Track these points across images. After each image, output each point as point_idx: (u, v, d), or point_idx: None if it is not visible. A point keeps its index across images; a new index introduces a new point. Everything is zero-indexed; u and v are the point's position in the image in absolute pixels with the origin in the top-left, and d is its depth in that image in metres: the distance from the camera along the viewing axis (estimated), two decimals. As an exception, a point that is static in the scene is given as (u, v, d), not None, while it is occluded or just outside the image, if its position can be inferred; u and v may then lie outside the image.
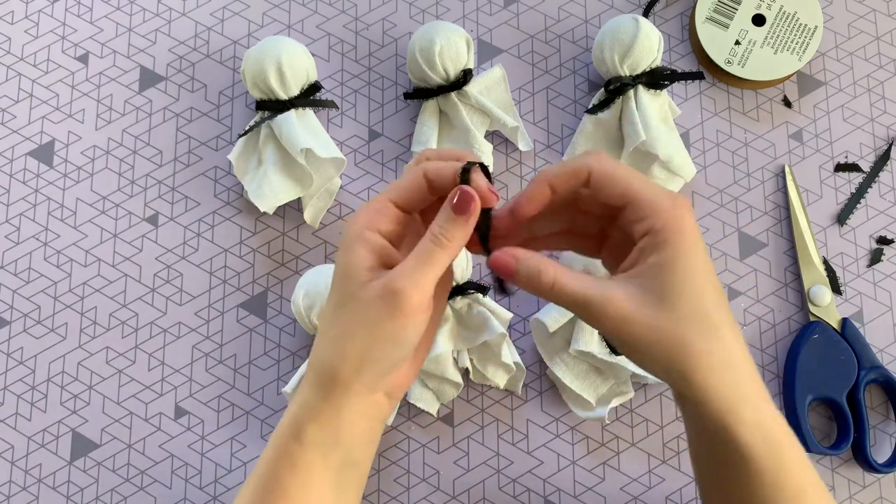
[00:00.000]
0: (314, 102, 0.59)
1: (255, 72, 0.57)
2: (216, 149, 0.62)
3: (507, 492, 0.57)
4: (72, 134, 0.63)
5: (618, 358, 0.55)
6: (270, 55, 0.57)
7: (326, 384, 0.41)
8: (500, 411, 0.58)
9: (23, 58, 0.64)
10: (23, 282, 0.60)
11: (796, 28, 0.62)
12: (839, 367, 0.57)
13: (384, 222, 0.41)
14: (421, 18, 0.64)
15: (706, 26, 0.62)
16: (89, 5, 0.65)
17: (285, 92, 0.58)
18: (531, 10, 0.64)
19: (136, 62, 0.64)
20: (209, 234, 0.61)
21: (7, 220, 0.61)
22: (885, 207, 0.61)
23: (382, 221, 0.41)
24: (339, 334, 0.41)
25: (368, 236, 0.41)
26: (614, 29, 0.58)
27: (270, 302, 0.60)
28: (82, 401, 0.59)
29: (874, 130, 0.62)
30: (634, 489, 0.57)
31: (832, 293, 0.59)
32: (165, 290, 0.60)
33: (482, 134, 0.59)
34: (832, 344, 0.57)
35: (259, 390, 0.59)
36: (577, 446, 0.58)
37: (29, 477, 0.58)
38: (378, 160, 0.62)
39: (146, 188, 0.62)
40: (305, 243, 0.61)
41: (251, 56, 0.58)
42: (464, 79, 0.59)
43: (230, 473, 0.58)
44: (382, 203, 0.41)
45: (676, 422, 0.58)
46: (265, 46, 0.58)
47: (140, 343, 0.59)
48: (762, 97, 0.63)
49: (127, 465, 0.58)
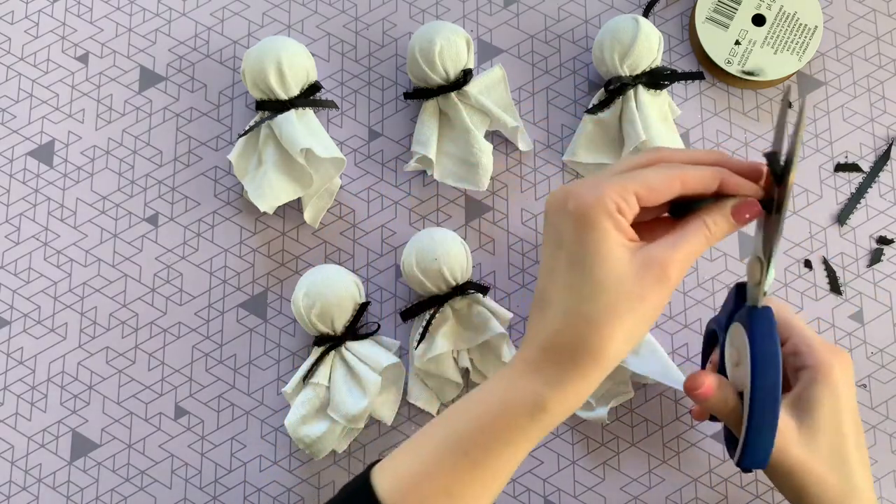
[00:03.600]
0: (314, 102, 0.59)
1: (255, 72, 0.57)
2: (216, 149, 0.62)
3: (507, 492, 0.57)
4: (72, 134, 0.63)
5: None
6: (270, 55, 0.57)
7: (586, 363, 0.40)
8: (500, 411, 0.58)
9: (23, 58, 0.64)
10: (23, 282, 0.60)
11: (796, 28, 0.62)
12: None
13: (626, 210, 0.41)
14: (421, 18, 0.64)
15: (706, 26, 0.62)
16: (89, 5, 0.65)
17: (285, 92, 0.58)
18: (531, 10, 0.64)
19: (136, 62, 0.64)
20: (209, 234, 0.61)
21: (7, 220, 0.61)
22: (885, 207, 0.61)
23: (625, 208, 0.41)
24: (601, 314, 0.39)
25: (618, 218, 0.40)
26: (614, 29, 0.58)
27: (270, 302, 0.60)
28: (82, 401, 0.59)
29: (874, 130, 0.62)
30: (634, 489, 0.57)
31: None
32: (165, 290, 0.60)
33: (482, 134, 0.59)
34: None
35: (259, 390, 0.59)
36: (577, 446, 0.58)
37: (29, 477, 0.58)
38: (378, 160, 0.62)
39: (146, 188, 0.62)
40: (305, 243, 0.61)
41: (251, 56, 0.58)
42: (464, 79, 0.59)
43: (230, 473, 0.58)
44: (628, 191, 0.41)
45: (676, 422, 0.58)
46: (265, 46, 0.58)
47: (140, 343, 0.59)
48: (762, 97, 0.63)
49: (127, 465, 0.58)
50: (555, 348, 0.40)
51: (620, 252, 0.40)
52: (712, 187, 0.42)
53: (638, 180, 0.41)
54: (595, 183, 0.41)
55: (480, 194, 0.61)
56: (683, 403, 0.58)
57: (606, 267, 0.40)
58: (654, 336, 0.59)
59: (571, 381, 0.40)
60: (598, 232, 0.40)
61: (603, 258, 0.40)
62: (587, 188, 0.41)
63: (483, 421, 0.41)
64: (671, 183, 0.41)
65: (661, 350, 0.57)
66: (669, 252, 0.40)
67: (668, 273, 0.40)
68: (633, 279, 0.39)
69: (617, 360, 0.40)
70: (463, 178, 0.59)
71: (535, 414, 0.40)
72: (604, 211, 0.40)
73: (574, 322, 0.40)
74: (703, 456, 0.57)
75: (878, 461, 0.57)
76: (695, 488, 0.57)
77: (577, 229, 0.40)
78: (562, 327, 0.40)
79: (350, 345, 0.56)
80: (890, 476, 0.57)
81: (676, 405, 0.58)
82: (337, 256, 0.61)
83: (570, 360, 0.40)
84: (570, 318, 0.40)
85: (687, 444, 0.57)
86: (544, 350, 0.40)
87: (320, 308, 0.55)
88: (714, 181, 0.42)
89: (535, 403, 0.40)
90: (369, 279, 0.60)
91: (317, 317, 0.55)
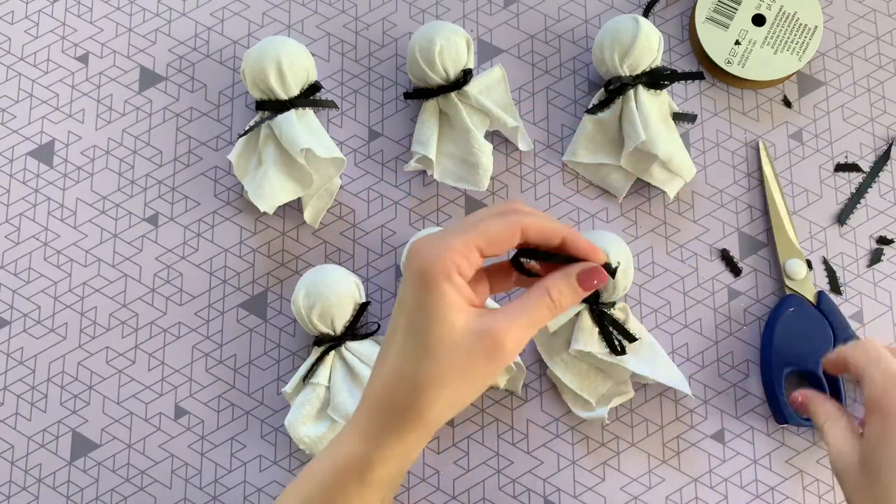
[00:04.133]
0: (314, 102, 0.59)
1: (255, 72, 0.57)
2: (216, 149, 0.62)
3: (507, 492, 0.57)
4: (72, 134, 0.63)
5: (618, 358, 0.55)
6: (270, 55, 0.57)
7: (405, 426, 0.40)
8: (500, 411, 0.58)
9: (23, 58, 0.64)
10: (23, 282, 0.60)
11: (796, 28, 0.62)
12: (815, 340, 0.57)
13: (467, 267, 0.40)
14: (421, 18, 0.64)
15: (706, 26, 0.62)
16: (89, 5, 0.65)
17: (285, 92, 0.58)
18: (531, 10, 0.64)
19: (136, 62, 0.64)
20: (209, 234, 0.61)
21: (7, 220, 0.61)
22: (885, 207, 0.61)
23: (465, 266, 0.40)
24: (424, 377, 0.40)
25: (457, 280, 0.40)
26: (614, 29, 0.58)
27: (270, 302, 0.60)
28: (82, 401, 0.59)
29: (874, 130, 0.62)
30: (634, 489, 0.57)
31: (808, 268, 0.59)
32: (165, 290, 0.60)
33: (482, 134, 0.59)
34: (808, 317, 0.57)
35: (259, 390, 0.59)
36: (577, 446, 0.58)
37: (29, 477, 0.58)
38: (378, 160, 0.62)
39: (146, 188, 0.62)
40: (305, 243, 0.61)
41: (251, 56, 0.58)
42: (464, 79, 0.59)
43: (230, 473, 0.58)
44: (468, 247, 0.40)
45: (676, 422, 0.58)
46: (265, 46, 0.58)
47: (140, 343, 0.59)
48: (762, 97, 0.63)
49: (127, 465, 0.58)
50: (381, 410, 0.41)
51: (456, 317, 0.39)
52: (554, 241, 0.42)
53: (480, 232, 0.40)
54: (440, 239, 0.40)
55: (480, 194, 0.61)
56: (684, 403, 0.58)
57: (438, 332, 0.39)
58: (654, 336, 0.59)
59: (392, 444, 0.41)
60: (435, 295, 0.39)
61: (437, 323, 0.39)
62: (431, 246, 0.40)
63: (325, 485, 0.42)
64: (512, 231, 0.41)
65: (661, 350, 0.57)
66: (506, 325, 0.40)
67: (503, 347, 0.39)
68: (464, 349, 0.39)
69: (440, 424, 0.41)
70: (463, 179, 0.59)
71: (363, 477, 0.41)
72: (443, 273, 0.39)
73: (402, 385, 0.40)
74: (703, 456, 0.57)
75: (878, 461, 0.57)
76: (695, 488, 0.57)
77: (416, 291, 0.40)
78: (389, 389, 0.41)
79: (350, 345, 0.56)
80: (890, 476, 0.57)
81: (676, 405, 0.58)
82: (337, 256, 0.61)
83: (392, 422, 0.40)
84: (399, 380, 0.40)
85: (687, 444, 0.57)
86: (371, 412, 0.41)
87: (320, 308, 0.55)
88: (556, 235, 0.42)
89: (362, 467, 0.41)
90: (369, 279, 0.60)
91: (317, 317, 0.55)
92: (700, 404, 0.58)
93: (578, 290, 0.41)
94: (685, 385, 0.56)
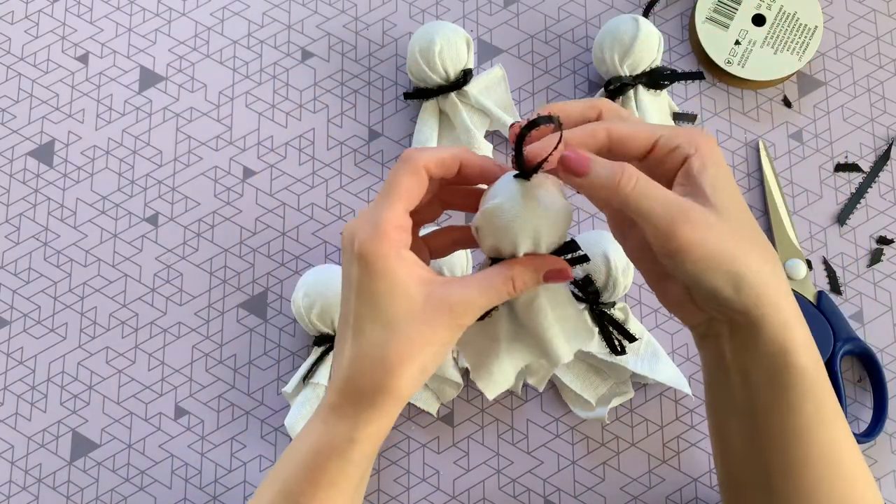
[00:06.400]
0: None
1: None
2: (216, 149, 0.62)
3: (507, 492, 0.57)
4: (72, 134, 0.63)
5: (618, 358, 0.55)
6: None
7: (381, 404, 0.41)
8: (500, 411, 0.58)
9: (23, 58, 0.64)
10: (23, 282, 0.60)
11: (796, 28, 0.62)
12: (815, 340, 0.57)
13: (406, 236, 0.41)
14: (421, 18, 0.64)
15: (706, 26, 0.62)
16: (89, 5, 0.65)
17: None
18: (531, 10, 0.64)
19: (136, 62, 0.64)
20: (209, 234, 0.61)
21: (7, 220, 0.61)
22: (885, 207, 0.61)
23: (405, 235, 0.41)
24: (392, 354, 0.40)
25: (404, 254, 0.40)
26: (614, 29, 0.59)
27: (270, 302, 0.60)
28: (82, 401, 0.59)
29: (874, 130, 0.62)
30: (634, 489, 0.57)
31: (807, 268, 0.59)
32: (165, 290, 0.60)
33: (482, 134, 0.59)
34: (808, 317, 0.57)
35: (259, 390, 0.59)
36: (577, 446, 0.58)
37: (29, 477, 0.58)
38: (378, 160, 0.62)
39: (146, 188, 0.62)
40: (305, 243, 0.61)
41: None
42: (464, 79, 0.59)
43: (230, 473, 0.58)
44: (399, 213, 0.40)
45: (676, 422, 0.58)
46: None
47: (140, 343, 0.59)
48: (762, 97, 0.63)
49: (127, 465, 0.58)
50: (353, 391, 0.41)
51: (414, 290, 0.40)
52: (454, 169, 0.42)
53: (401, 195, 0.41)
54: (371, 215, 0.41)
55: (480, 194, 0.61)
56: (684, 403, 0.58)
57: (398, 308, 0.40)
58: (654, 336, 0.59)
59: (372, 419, 0.41)
60: (388, 276, 0.40)
61: (396, 300, 0.40)
62: (367, 225, 0.40)
63: (306, 467, 0.43)
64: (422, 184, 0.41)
65: (662, 350, 0.57)
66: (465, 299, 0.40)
67: (460, 320, 0.40)
68: (426, 320, 0.40)
69: (414, 391, 0.41)
70: (463, 178, 0.59)
71: (346, 454, 0.42)
72: (389, 251, 0.40)
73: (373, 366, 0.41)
74: (703, 456, 0.57)
75: (878, 461, 0.57)
76: (695, 488, 0.57)
77: (366, 275, 0.40)
78: (361, 372, 0.41)
79: (350, 345, 0.56)
80: (890, 476, 0.57)
81: (676, 405, 0.58)
82: (337, 256, 0.61)
83: (368, 400, 0.41)
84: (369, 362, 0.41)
85: (687, 444, 0.57)
86: (344, 394, 0.42)
87: (320, 308, 0.55)
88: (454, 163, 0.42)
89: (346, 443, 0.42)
90: (369, 279, 0.60)
91: (317, 317, 0.55)
92: (700, 404, 0.58)
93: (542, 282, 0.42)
94: (685, 385, 0.56)
